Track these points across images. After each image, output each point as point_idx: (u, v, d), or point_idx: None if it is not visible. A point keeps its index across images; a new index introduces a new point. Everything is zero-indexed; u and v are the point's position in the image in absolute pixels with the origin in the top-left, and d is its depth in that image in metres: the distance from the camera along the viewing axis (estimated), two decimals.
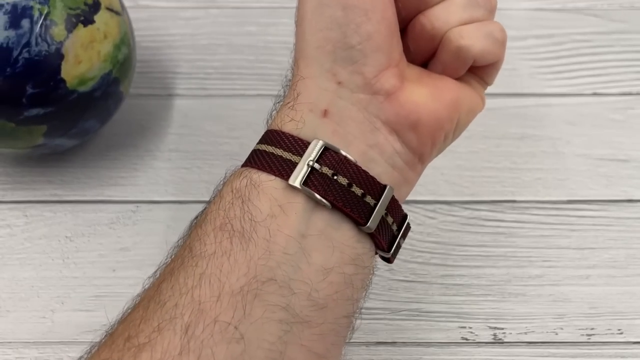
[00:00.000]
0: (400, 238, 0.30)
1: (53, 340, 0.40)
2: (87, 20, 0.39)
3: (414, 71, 0.30)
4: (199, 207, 0.29)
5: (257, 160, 0.28)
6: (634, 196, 0.46)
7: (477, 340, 0.41)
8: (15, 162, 0.47)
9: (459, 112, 0.30)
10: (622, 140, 0.48)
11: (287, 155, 0.27)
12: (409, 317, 0.41)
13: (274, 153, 0.28)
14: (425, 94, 0.29)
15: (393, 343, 0.41)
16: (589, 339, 0.41)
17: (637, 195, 0.46)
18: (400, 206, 0.29)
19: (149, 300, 0.26)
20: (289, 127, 0.28)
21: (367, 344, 0.40)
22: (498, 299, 0.42)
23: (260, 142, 0.29)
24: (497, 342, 0.40)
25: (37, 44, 0.37)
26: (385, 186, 0.28)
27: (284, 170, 0.27)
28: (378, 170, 0.28)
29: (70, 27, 0.38)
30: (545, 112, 0.49)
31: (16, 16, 0.37)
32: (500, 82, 0.51)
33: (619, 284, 0.42)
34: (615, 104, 0.50)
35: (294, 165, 0.27)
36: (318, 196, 0.26)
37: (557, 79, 0.51)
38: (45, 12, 0.37)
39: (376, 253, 0.29)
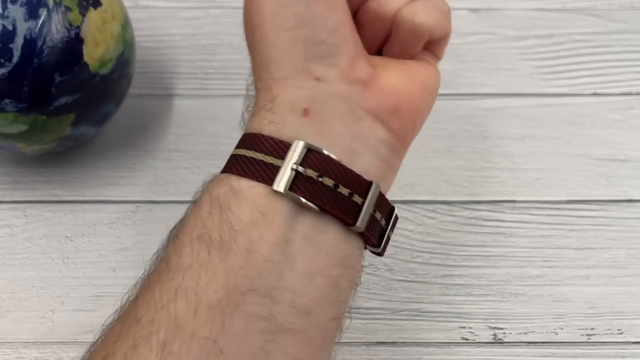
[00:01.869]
0: (389, 231, 0.29)
1: (53, 340, 0.40)
2: (96, 3, 0.40)
3: (376, 59, 0.30)
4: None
5: (236, 165, 0.27)
6: (634, 196, 0.46)
7: (477, 340, 0.41)
8: (15, 162, 0.47)
9: (429, 90, 0.31)
10: (622, 141, 0.48)
11: (268, 159, 0.26)
12: (409, 317, 0.41)
13: (254, 158, 0.26)
14: (399, 77, 0.29)
15: (393, 343, 0.40)
16: (589, 339, 0.41)
17: (637, 195, 0.46)
18: (387, 200, 0.29)
19: (126, 316, 0.25)
20: (269, 130, 0.27)
21: (367, 344, 0.40)
22: (498, 299, 0.42)
23: (239, 146, 0.28)
24: (497, 342, 0.40)
25: (57, 31, 0.37)
26: (371, 183, 0.27)
27: (266, 175, 0.26)
28: (363, 163, 0.28)
29: (83, 11, 0.39)
30: (545, 112, 0.49)
31: (33, 6, 0.37)
32: (500, 82, 0.51)
33: (619, 284, 0.42)
34: (615, 104, 0.50)
35: (276, 169, 0.26)
36: (304, 200, 0.26)
37: (557, 79, 0.51)
38: None
39: (365, 248, 0.29)
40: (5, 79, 0.37)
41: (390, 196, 0.30)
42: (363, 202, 0.27)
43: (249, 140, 0.27)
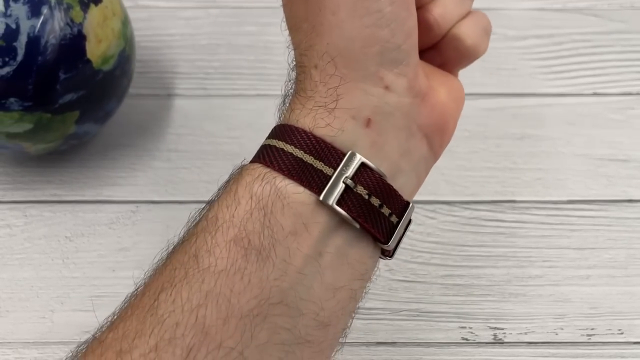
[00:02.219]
0: (401, 239, 0.29)
1: (53, 340, 0.40)
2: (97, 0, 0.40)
3: (426, 68, 0.29)
4: (199, 207, 0.28)
5: (280, 161, 0.25)
6: (634, 196, 0.46)
7: (477, 341, 0.40)
8: (15, 162, 0.47)
9: (461, 107, 0.30)
10: (622, 140, 0.48)
11: (318, 164, 0.24)
12: (409, 317, 0.41)
13: (302, 159, 0.24)
14: (446, 94, 0.28)
15: (393, 343, 0.40)
16: (589, 339, 0.40)
17: (637, 195, 0.46)
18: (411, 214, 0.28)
19: (145, 311, 0.24)
20: (323, 132, 0.25)
21: (367, 344, 0.40)
22: (498, 299, 0.42)
23: (280, 138, 0.26)
24: (497, 342, 0.40)
25: (60, 28, 0.38)
26: (408, 203, 0.27)
27: (314, 182, 0.24)
28: (403, 180, 0.27)
29: (85, 8, 0.39)
30: (545, 112, 0.49)
31: (35, 4, 0.37)
32: (500, 82, 0.51)
33: (619, 284, 0.42)
34: (615, 104, 0.50)
35: (325, 177, 0.24)
36: (350, 217, 0.24)
37: (557, 79, 0.51)
38: None
39: None
40: (10, 78, 0.37)
41: None
42: (398, 222, 0.26)
43: (297, 135, 0.25)
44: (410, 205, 0.27)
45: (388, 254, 0.28)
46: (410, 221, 0.29)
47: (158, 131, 0.48)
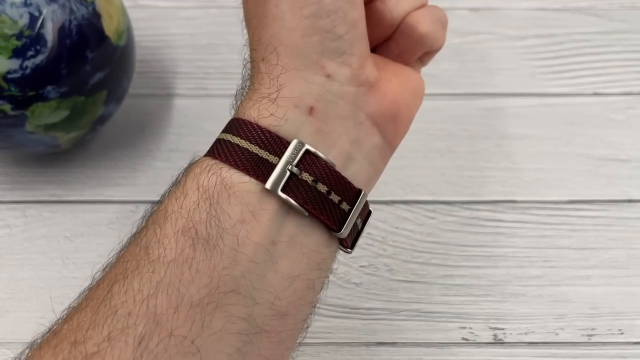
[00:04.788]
0: (361, 231, 0.29)
1: None
2: None
3: (378, 59, 0.30)
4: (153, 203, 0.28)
5: (227, 153, 0.25)
6: (635, 196, 0.46)
7: (478, 341, 0.40)
8: (14, 162, 0.47)
9: (420, 98, 0.30)
10: (623, 140, 0.48)
11: (263, 153, 0.25)
12: (409, 317, 0.41)
13: (247, 149, 0.25)
14: (399, 84, 0.29)
15: (393, 343, 0.40)
16: (590, 339, 0.40)
17: (638, 195, 0.46)
18: (367, 205, 0.29)
19: (99, 302, 0.24)
20: (268, 122, 0.26)
21: (367, 344, 0.40)
22: (498, 299, 0.42)
23: (229, 131, 0.26)
24: (498, 342, 0.40)
25: (78, 9, 0.38)
26: (360, 191, 0.27)
27: (260, 171, 0.25)
28: (355, 168, 0.27)
29: None
30: (545, 112, 0.49)
31: None
32: (500, 82, 0.51)
33: (620, 284, 0.42)
34: (615, 103, 0.50)
35: (271, 166, 0.25)
36: (296, 204, 0.25)
37: (558, 78, 0.51)
38: None
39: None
40: (45, 65, 0.37)
41: (390, 196, 0.30)
42: (350, 210, 0.26)
43: (244, 127, 0.26)
44: (363, 192, 0.27)
45: (347, 245, 0.28)
46: (370, 212, 0.29)
47: (158, 131, 0.48)
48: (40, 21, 0.37)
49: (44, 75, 0.37)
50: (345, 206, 0.26)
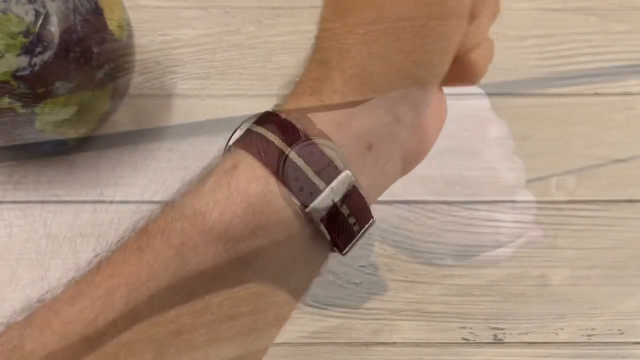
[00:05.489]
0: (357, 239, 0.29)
1: None
2: None
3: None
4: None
5: (281, 167, 0.25)
6: (634, 196, 0.46)
7: (478, 341, 0.40)
8: (15, 162, 0.47)
9: (443, 122, 0.30)
10: (623, 140, 0.48)
11: (312, 176, 0.25)
12: (409, 317, 0.41)
13: (298, 164, 0.25)
14: (434, 116, 0.28)
15: (393, 343, 0.40)
16: (590, 339, 0.40)
17: (638, 195, 0.46)
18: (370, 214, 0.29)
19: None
20: (325, 145, 0.25)
21: (367, 344, 0.40)
22: (498, 299, 0.42)
23: (285, 141, 0.26)
24: (498, 342, 0.40)
25: (81, 4, 0.38)
26: (373, 219, 0.27)
27: (308, 193, 0.24)
28: (372, 195, 0.27)
29: None
30: (545, 112, 0.49)
31: None
32: (500, 82, 0.51)
33: (620, 284, 0.42)
34: (615, 103, 0.50)
35: (317, 191, 0.24)
36: (326, 232, 0.25)
37: (557, 78, 0.51)
38: None
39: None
40: (52, 61, 0.37)
41: (390, 196, 0.30)
42: (358, 231, 0.26)
43: (300, 142, 0.25)
44: (372, 220, 0.27)
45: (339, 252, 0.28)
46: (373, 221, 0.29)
47: (158, 131, 0.48)
48: (46, 17, 0.37)
49: (53, 71, 0.37)
50: (356, 228, 0.26)
